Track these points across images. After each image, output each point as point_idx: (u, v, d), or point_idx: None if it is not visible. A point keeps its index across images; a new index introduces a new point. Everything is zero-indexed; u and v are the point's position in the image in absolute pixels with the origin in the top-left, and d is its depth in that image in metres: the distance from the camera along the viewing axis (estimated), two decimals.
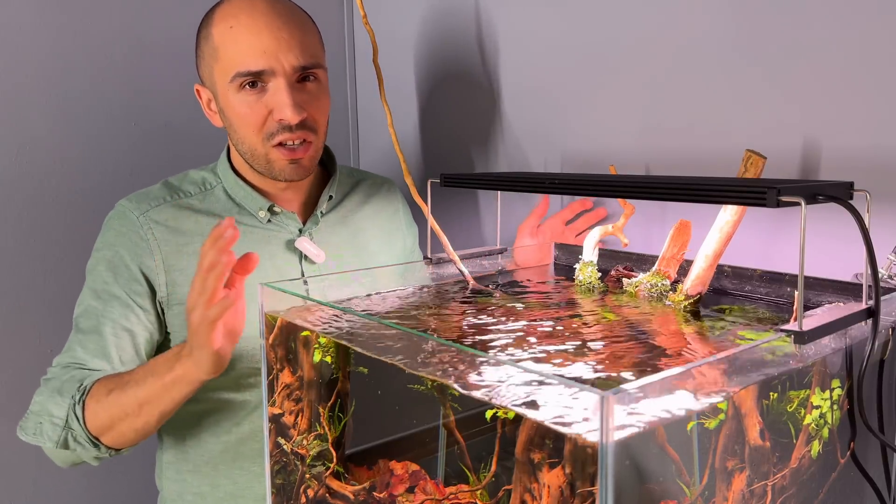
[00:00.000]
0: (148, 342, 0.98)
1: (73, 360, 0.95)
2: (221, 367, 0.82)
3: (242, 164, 1.03)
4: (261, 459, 1.02)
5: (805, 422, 0.60)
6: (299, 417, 0.80)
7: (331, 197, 1.07)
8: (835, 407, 0.62)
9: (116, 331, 0.95)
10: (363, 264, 1.08)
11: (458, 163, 1.39)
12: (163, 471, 1.07)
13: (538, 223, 1.11)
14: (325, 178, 1.11)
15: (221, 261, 0.74)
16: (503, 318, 0.76)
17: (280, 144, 0.95)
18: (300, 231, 1.04)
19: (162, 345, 1.01)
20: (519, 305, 0.82)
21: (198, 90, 1.03)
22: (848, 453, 0.65)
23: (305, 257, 1.03)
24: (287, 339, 0.79)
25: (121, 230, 0.98)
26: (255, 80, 0.93)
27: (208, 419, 1.02)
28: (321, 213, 1.06)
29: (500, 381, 0.55)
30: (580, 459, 0.49)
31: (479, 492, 0.62)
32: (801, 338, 0.56)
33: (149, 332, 0.98)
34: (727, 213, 0.76)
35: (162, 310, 0.98)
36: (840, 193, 0.61)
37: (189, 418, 1.02)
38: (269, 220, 1.02)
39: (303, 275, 1.02)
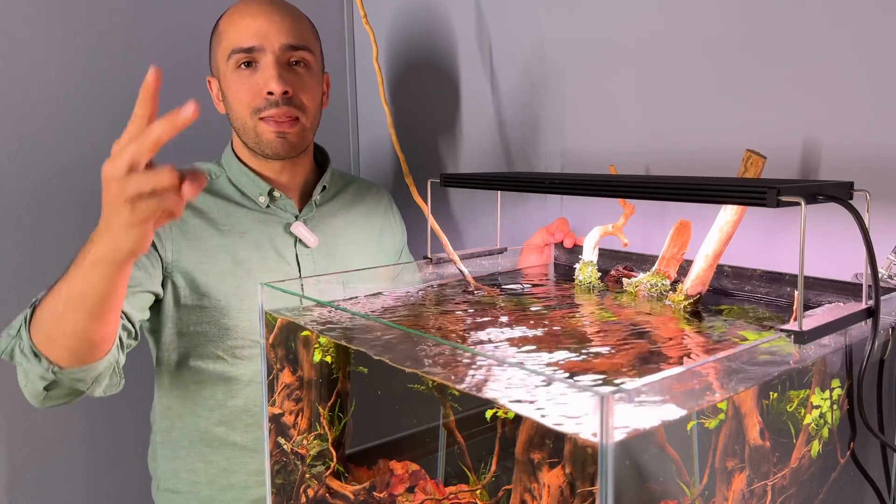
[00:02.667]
0: (140, 302, 0.98)
1: None
2: (141, 245, 0.70)
3: (243, 151, 1.09)
4: (253, 435, 1.05)
5: (805, 422, 0.60)
6: (299, 417, 0.80)
7: (324, 187, 1.14)
8: (835, 407, 0.62)
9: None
10: (351, 254, 1.14)
11: (458, 163, 1.39)
12: (157, 451, 1.11)
13: (549, 242, 1.09)
14: (320, 174, 1.17)
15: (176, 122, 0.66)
16: (503, 318, 0.76)
17: (267, 120, 1.02)
18: (296, 217, 1.10)
19: (161, 304, 1.04)
20: (519, 305, 0.82)
21: (209, 81, 1.11)
22: (848, 453, 0.65)
23: (300, 241, 1.09)
24: (287, 339, 0.79)
25: None
26: (249, 61, 1.01)
27: (203, 392, 1.05)
28: (315, 202, 1.13)
29: (499, 381, 0.55)
30: (580, 459, 0.49)
31: (479, 492, 0.62)
32: (801, 338, 0.56)
33: (152, 292, 1.01)
34: (727, 213, 0.76)
35: (166, 275, 1.03)
36: (840, 193, 0.61)
37: (185, 392, 1.06)
38: (268, 206, 1.09)
39: (297, 258, 1.08)
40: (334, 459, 0.76)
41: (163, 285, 1.03)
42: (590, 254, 0.93)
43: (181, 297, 1.03)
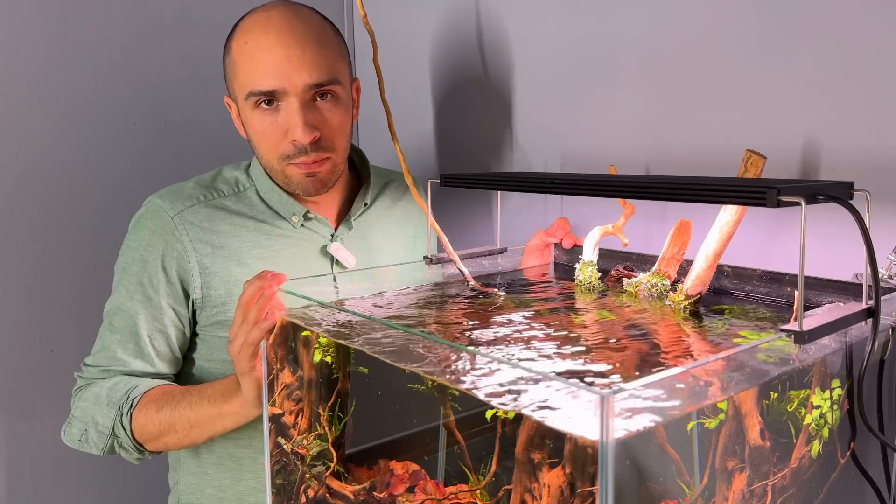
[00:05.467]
0: (180, 340, 1.00)
1: (112, 361, 0.97)
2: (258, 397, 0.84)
3: None
4: None
5: (805, 422, 0.60)
6: (299, 417, 0.80)
7: (365, 204, 1.07)
8: (835, 407, 0.62)
9: (152, 332, 0.97)
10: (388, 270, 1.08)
11: (459, 163, 1.39)
12: (180, 464, 1.07)
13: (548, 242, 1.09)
14: (356, 183, 1.10)
15: (264, 293, 0.77)
16: (503, 318, 0.76)
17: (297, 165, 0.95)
18: (332, 236, 1.04)
19: (190, 341, 1.03)
20: (518, 305, 0.82)
21: (227, 103, 1.01)
22: (848, 453, 0.65)
23: (337, 262, 1.03)
24: (287, 339, 0.79)
25: (155, 230, 0.97)
26: (270, 99, 0.92)
27: None
28: (354, 219, 1.06)
29: (499, 381, 0.55)
30: (580, 459, 0.49)
31: (479, 492, 0.62)
32: (801, 338, 0.55)
33: (181, 331, 1.00)
34: (727, 213, 0.76)
35: (194, 310, 0.99)
36: (840, 193, 0.61)
37: None
38: (302, 225, 1.02)
39: (334, 279, 1.01)
40: (334, 459, 0.76)
41: (193, 316, 1.00)
42: (590, 254, 0.93)
43: (212, 329, 0.99)
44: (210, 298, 0.97)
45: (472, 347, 0.64)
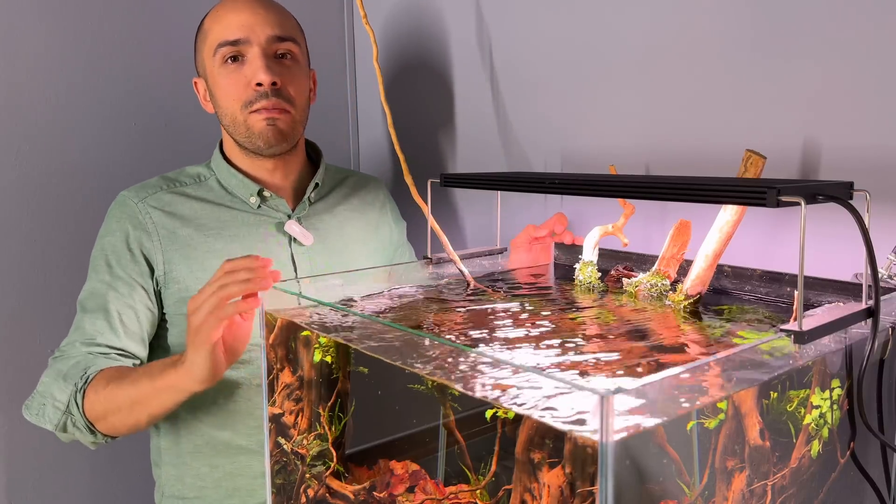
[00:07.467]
0: (149, 319, 1.03)
1: (82, 336, 0.99)
2: (213, 378, 0.83)
3: (233, 151, 1.09)
4: (257, 438, 1.04)
5: (805, 422, 0.60)
6: (299, 417, 0.80)
7: (317, 185, 1.12)
8: (835, 407, 0.62)
9: (121, 307, 1.00)
10: (349, 251, 1.13)
11: (458, 163, 1.39)
12: (161, 457, 1.09)
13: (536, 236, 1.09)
14: (313, 172, 1.17)
15: (252, 270, 0.78)
16: (503, 319, 0.76)
17: (258, 111, 1.02)
18: (289, 216, 1.09)
19: (160, 323, 1.05)
20: (518, 305, 0.82)
21: (195, 83, 1.10)
22: (848, 453, 0.65)
23: (294, 240, 1.08)
24: (287, 339, 0.79)
25: (121, 216, 1.03)
26: (235, 55, 1.01)
27: (204, 397, 1.03)
28: (309, 199, 1.11)
29: (499, 381, 0.55)
30: (580, 459, 0.49)
31: (479, 492, 0.62)
32: (801, 337, 0.56)
33: (149, 309, 1.03)
34: (727, 213, 0.76)
35: (159, 289, 1.03)
36: (840, 193, 0.61)
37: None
38: (259, 206, 1.08)
39: (292, 257, 1.07)
40: (334, 459, 0.76)
41: (158, 296, 1.03)
42: (590, 254, 0.93)
43: (176, 307, 1.02)
44: (172, 275, 1.02)
45: (471, 347, 0.64)
